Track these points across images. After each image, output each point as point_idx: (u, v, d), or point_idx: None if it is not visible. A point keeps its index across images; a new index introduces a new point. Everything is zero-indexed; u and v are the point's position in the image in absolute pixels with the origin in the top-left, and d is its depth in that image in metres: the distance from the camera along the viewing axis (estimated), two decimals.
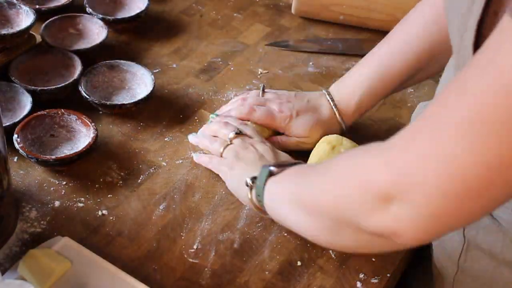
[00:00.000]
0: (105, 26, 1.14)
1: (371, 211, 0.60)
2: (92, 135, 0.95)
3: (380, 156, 0.61)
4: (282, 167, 0.81)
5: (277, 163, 0.83)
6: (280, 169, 0.80)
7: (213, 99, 1.10)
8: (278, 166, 0.81)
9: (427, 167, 0.55)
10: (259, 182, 0.81)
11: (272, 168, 0.80)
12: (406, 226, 0.58)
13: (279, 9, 1.33)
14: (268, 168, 0.81)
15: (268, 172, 0.80)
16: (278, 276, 0.84)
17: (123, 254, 0.85)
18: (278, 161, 0.88)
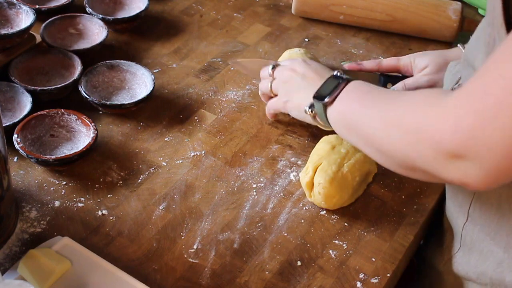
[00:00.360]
0: (105, 26, 1.14)
1: (441, 166, 0.65)
2: (92, 135, 0.95)
3: (446, 112, 0.64)
4: (332, 94, 0.84)
5: (325, 91, 0.85)
6: (332, 97, 0.84)
7: (213, 99, 1.10)
8: (329, 94, 0.84)
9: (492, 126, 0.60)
10: (319, 111, 0.86)
11: (326, 100, 0.84)
12: (475, 179, 0.63)
13: (279, 9, 1.33)
14: (320, 103, 0.84)
15: (322, 106, 0.84)
16: (278, 276, 0.84)
17: (123, 254, 0.85)
18: (323, 85, 0.88)
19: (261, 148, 1.02)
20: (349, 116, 0.82)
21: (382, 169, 0.99)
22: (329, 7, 1.26)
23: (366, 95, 0.81)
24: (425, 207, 0.95)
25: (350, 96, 0.83)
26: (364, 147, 0.79)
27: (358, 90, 0.83)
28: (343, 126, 0.83)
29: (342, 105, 0.83)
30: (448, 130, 0.63)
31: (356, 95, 0.83)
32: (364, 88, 0.83)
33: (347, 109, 0.82)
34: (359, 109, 0.80)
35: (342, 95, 0.84)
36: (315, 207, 0.93)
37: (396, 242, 0.90)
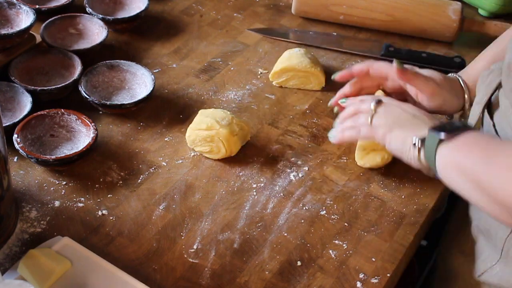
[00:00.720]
0: (105, 26, 1.14)
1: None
2: (92, 135, 0.95)
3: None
4: (453, 133, 0.78)
5: (446, 128, 0.80)
6: (451, 135, 0.78)
7: (213, 99, 1.10)
8: (448, 131, 0.78)
9: None
10: (429, 145, 0.80)
11: (443, 135, 0.78)
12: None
13: (279, 9, 1.33)
14: (437, 134, 0.79)
15: (438, 138, 0.78)
16: (278, 276, 0.84)
17: (123, 254, 0.85)
18: (442, 123, 0.83)
19: (261, 148, 1.02)
20: (465, 160, 0.76)
21: (382, 169, 1.00)
22: (329, 7, 1.26)
23: (489, 148, 0.76)
24: (425, 207, 0.95)
25: (472, 141, 0.77)
26: (474, 193, 0.75)
27: (483, 140, 0.78)
28: (454, 167, 0.77)
29: (460, 146, 0.77)
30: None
31: (478, 143, 0.77)
32: (489, 140, 0.78)
33: (465, 151, 0.76)
34: (480, 155, 0.74)
35: (463, 138, 0.77)
36: (315, 207, 0.93)
37: (396, 242, 0.90)
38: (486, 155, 0.74)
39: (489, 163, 0.72)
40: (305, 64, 1.10)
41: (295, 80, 1.12)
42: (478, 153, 0.75)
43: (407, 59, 1.19)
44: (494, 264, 0.88)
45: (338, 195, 0.95)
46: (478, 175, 0.73)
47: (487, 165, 0.72)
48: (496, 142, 0.77)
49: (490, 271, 0.88)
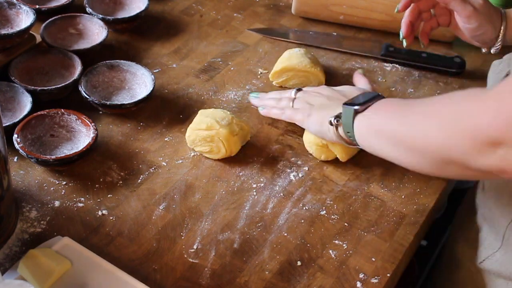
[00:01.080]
0: (105, 26, 1.14)
1: (479, 154, 0.65)
2: (92, 135, 0.95)
3: (487, 102, 0.64)
4: (365, 104, 0.85)
5: (359, 100, 0.87)
6: (364, 106, 0.85)
7: (213, 99, 1.10)
8: (361, 104, 0.85)
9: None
10: (345, 120, 0.86)
11: (357, 107, 0.85)
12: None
13: (279, 9, 1.33)
14: (352, 108, 0.85)
15: (353, 111, 0.85)
16: (278, 276, 0.84)
17: (123, 254, 0.85)
18: (355, 97, 0.89)
19: (261, 148, 1.02)
20: (381, 120, 0.82)
21: (382, 169, 1.00)
22: (329, 7, 1.26)
23: (402, 104, 0.82)
24: (425, 207, 0.95)
25: (385, 104, 0.84)
26: (392, 149, 0.80)
27: (395, 101, 0.85)
28: (372, 132, 0.84)
29: (374, 112, 0.84)
30: (488, 117, 0.63)
31: (392, 104, 0.84)
32: (401, 100, 0.84)
33: (380, 114, 0.83)
34: (395, 113, 0.81)
35: (376, 105, 0.85)
36: (315, 207, 0.93)
37: (396, 242, 0.90)
38: (400, 112, 0.80)
39: (404, 116, 0.78)
40: (305, 64, 1.10)
41: (295, 80, 1.12)
42: (393, 112, 0.81)
43: (407, 59, 1.19)
44: (495, 251, 0.89)
45: (338, 195, 0.95)
46: (395, 131, 0.78)
47: (403, 118, 0.78)
48: (407, 101, 0.83)
49: (491, 258, 0.90)
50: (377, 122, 0.83)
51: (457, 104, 0.70)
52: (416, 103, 0.79)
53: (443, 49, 1.26)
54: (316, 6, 1.27)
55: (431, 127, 0.72)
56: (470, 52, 1.23)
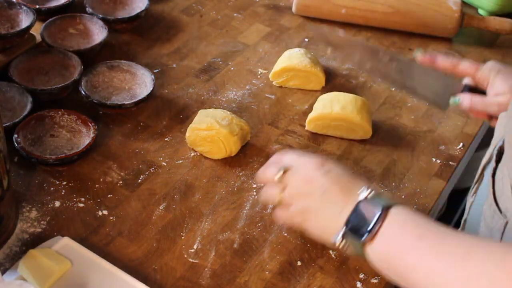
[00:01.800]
0: (105, 26, 1.14)
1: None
2: (92, 135, 0.95)
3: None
4: (372, 230, 0.69)
5: (361, 226, 0.70)
6: (372, 234, 0.69)
7: (213, 99, 1.10)
8: (366, 231, 0.69)
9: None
10: (354, 247, 0.71)
11: (364, 239, 0.69)
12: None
13: (279, 9, 1.33)
14: (356, 240, 0.70)
15: (360, 243, 0.70)
16: (278, 276, 0.84)
17: (123, 254, 0.85)
18: (355, 214, 0.72)
19: (261, 148, 1.01)
20: (399, 262, 0.67)
21: (382, 169, 1.00)
22: (331, 0, 1.26)
23: (420, 232, 0.67)
24: (425, 207, 0.95)
25: (398, 232, 0.68)
26: None
27: (407, 224, 0.69)
28: (392, 272, 0.69)
29: (387, 245, 0.68)
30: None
31: (406, 232, 0.68)
32: (414, 221, 0.68)
33: (396, 252, 0.67)
34: (414, 255, 0.65)
35: (386, 230, 0.69)
36: None
37: None
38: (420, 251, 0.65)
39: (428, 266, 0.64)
40: (305, 64, 1.10)
41: (295, 80, 1.12)
42: (411, 253, 0.66)
43: None
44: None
45: None
46: (420, 282, 0.64)
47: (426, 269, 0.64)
48: (429, 231, 0.67)
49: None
50: (398, 262, 0.67)
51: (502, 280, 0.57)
52: (443, 244, 0.64)
53: (443, 48, 1.26)
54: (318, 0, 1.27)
55: None
56: (469, 49, 1.23)
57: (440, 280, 0.62)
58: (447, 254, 0.63)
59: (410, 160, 1.02)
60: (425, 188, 0.97)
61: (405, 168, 1.00)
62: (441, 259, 0.63)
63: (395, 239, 0.68)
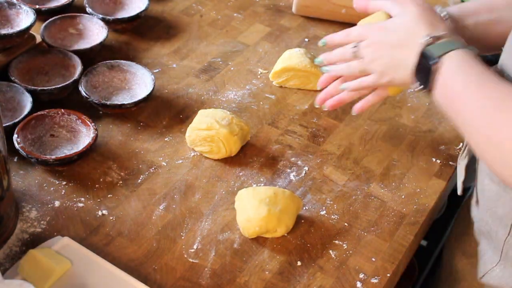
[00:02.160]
0: (105, 26, 1.14)
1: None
2: (92, 135, 0.95)
3: None
4: (429, 83, 0.76)
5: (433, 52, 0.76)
6: (430, 85, 0.77)
7: (213, 99, 1.10)
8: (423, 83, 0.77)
9: None
10: (421, 74, 0.78)
11: (432, 61, 0.76)
12: None
13: (279, 9, 1.33)
14: (428, 65, 0.76)
15: (429, 69, 0.76)
16: (278, 276, 0.84)
17: (123, 254, 0.85)
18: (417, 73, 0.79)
19: (261, 148, 1.02)
20: (451, 107, 0.75)
21: (382, 169, 1.00)
22: (331, 0, 1.26)
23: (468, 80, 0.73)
24: (425, 207, 0.95)
25: (449, 79, 0.75)
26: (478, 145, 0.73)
27: (459, 71, 0.74)
28: (451, 111, 0.76)
29: (441, 93, 0.76)
30: None
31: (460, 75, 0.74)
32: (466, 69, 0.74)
33: (448, 98, 0.75)
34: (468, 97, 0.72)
35: (442, 77, 0.75)
36: (315, 207, 0.93)
37: (396, 242, 0.90)
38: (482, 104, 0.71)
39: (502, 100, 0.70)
40: (305, 64, 1.10)
41: (295, 80, 1.12)
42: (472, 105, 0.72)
43: None
44: (495, 266, 0.88)
45: (338, 195, 0.95)
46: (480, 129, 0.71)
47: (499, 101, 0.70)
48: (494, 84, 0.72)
49: (491, 272, 0.88)
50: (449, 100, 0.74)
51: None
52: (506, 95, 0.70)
53: None
54: None
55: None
56: None
57: (482, 122, 0.70)
58: (488, 100, 0.70)
59: (410, 160, 1.02)
60: (425, 188, 0.97)
61: (405, 168, 1.00)
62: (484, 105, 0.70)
63: (448, 87, 0.75)
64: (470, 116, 0.72)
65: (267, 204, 0.86)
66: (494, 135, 0.69)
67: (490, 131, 0.69)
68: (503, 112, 0.68)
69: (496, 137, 0.68)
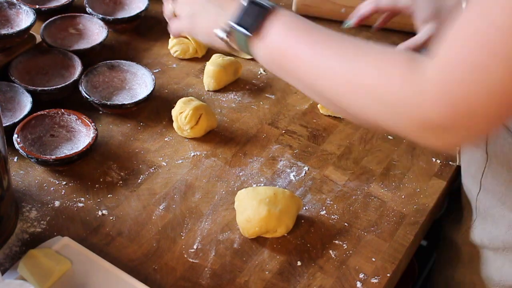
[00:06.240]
0: (105, 26, 1.14)
1: (420, 136, 0.61)
2: (92, 135, 0.95)
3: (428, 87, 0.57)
4: (257, 27, 0.70)
5: (246, 23, 0.71)
6: (257, 30, 0.70)
7: (213, 99, 1.10)
8: (251, 25, 0.71)
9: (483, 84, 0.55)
10: (239, 40, 0.73)
11: (248, 32, 0.71)
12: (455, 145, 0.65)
13: None
14: (242, 31, 0.71)
15: (245, 36, 0.71)
16: (278, 276, 0.84)
17: (123, 254, 0.85)
18: (239, 10, 0.72)
19: (261, 148, 1.02)
20: (289, 59, 0.69)
21: (382, 169, 1.00)
22: (331, 0, 1.26)
23: (311, 33, 0.68)
24: (425, 207, 0.95)
25: (283, 28, 0.69)
26: (312, 95, 0.71)
27: (295, 23, 0.69)
28: (279, 68, 0.72)
29: (274, 42, 0.70)
30: (433, 103, 0.56)
31: (296, 32, 0.69)
32: (303, 23, 0.69)
33: (284, 49, 0.69)
34: (306, 52, 0.67)
35: (273, 29, 0.70)
36: (315, 207, 0.93)
37: (396, 242, 0.90)
38: (312, 49, 0.67)
39: (321, 65, 0.66)
40: None
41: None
42: (302, 50, 0.68)
43: None
44: (472, 223, 0.93)
45: (338, 195, 0.95)
46: (310, 79, 0.68)
47: (320, 68, 0.66)
48: (319, 32, 0.69)
49: (472, 229, 0.93)
50: (286, 59, 0.69)
51: (393, 75, 0.60)
52: (335, 45, 0.67)
53: None
54: None
55: (363, 102, 0.63)
56: None
57: (325, 72, 0.65)
58: (331, 49, 0.66)
59: (410, 160, 1.02)
60: (425, 188, 0.97)
61: (405, 168, 1.00)
62: (326, 54, 0.66)
63: (280, 36, 0.69)
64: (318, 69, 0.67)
65: (267, 204, 0.86)
66: (353, 80, 0.64)
67: (349, 77, 0.64)
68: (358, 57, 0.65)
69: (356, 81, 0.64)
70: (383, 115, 0.62)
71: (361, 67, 0.63)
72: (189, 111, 0.99)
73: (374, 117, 0.63)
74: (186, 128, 0.99)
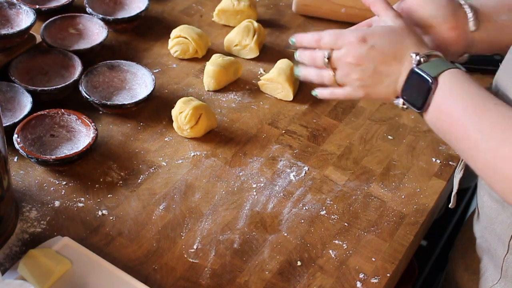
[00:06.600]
0: (105, 26, 1.14)
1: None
2: (92, 135, 0.95)
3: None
4: (425, 103, 0.74)
5: (413, 100, 0.75)
6: (426, 106, 0.74)
7: (213, 99, 1.10)
8: (419, 103, 0.74)
9: None
10: (415, 95, 0.75)
11: (419, 111, 0.75)
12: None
13: (279, 9, 1.33)
14: (427, 83, 0.73)
15: (427, 88, 0.73)
16: (278, 276, 0.84)
17: (123, 254, 0.85)
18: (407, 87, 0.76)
19: (261, 148, 1.02)
20: (448, 130, 0.73)
21: (382, 169, 1.00)
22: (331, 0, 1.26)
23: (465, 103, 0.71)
24: (425, 207, 0.95)
25: (445, 103, 0.73)
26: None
27: (453, 93, 0.72)
28: (443, 136, 0.75)
29: (437, 116, 0.74)
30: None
31: (453, 102, 0.72)
32: (460, 91, 0.72)
33: (444, 121, 0.73)
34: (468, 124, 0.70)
35: (438, 99, 0.73)
36: (315, 207, 0.93)
37: (396, 242, 0.90)
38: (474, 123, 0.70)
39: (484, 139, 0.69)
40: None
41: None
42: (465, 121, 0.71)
43: None
44: (496, 283, 0.86)
45: (338, 195, 0.95)
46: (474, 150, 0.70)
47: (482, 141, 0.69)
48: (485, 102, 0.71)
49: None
50: (454, 129, 0.72)
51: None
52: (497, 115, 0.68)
53: None
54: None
55: None
56: None
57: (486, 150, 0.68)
58: (485, 124, 0.69)
59: (410, 160, 1.02)
60: (425, 188, 0.97)
61: (405, 168, 1.00)
62: (481, 131, 0.69)
63: (443, 111, 0.73)
64: (471, 143, 0.70)
65: None
66: (498, 163, 0.67)
67: (494, 160, 0.67)
68: (506, 141, 0.67)
69: (500, 165, 0.67)
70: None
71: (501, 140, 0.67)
72: (189, 111, 0.99)
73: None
74: (186, 128, 1.00)
